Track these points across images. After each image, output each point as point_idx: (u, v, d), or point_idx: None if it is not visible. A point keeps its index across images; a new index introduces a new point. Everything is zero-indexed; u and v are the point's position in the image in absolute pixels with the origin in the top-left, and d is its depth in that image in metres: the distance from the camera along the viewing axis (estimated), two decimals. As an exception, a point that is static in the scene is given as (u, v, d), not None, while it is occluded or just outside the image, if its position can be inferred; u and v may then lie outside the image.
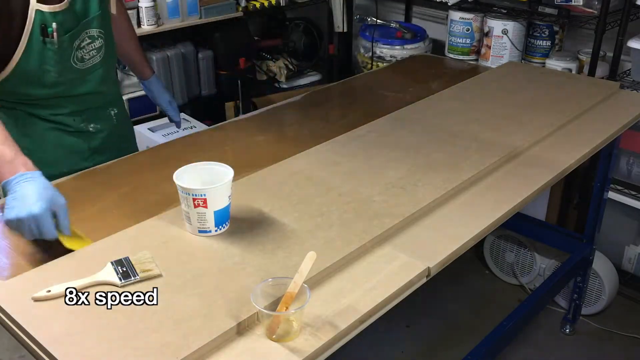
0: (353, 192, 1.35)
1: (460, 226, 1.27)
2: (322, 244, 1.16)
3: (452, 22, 2.65)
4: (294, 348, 0.95)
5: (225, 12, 2.96)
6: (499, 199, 1.37)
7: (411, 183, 1.39)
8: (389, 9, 3.19)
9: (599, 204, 2.11)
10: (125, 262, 1.10)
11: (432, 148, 1.56)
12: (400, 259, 1.16)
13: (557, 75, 2.16)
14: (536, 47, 2.49)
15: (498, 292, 2.59)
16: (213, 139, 1.73)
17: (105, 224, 1.28)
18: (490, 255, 2.66)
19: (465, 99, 1.88)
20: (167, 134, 2.54)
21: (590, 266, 2.25)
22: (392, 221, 1.24)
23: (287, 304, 0.97)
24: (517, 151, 1.57)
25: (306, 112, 1.90)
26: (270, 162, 1.49)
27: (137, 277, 1.07)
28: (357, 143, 1.59)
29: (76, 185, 1.47)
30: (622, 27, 2.14)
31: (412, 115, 1.77)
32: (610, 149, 1.96)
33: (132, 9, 2.66)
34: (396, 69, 2.39)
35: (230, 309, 1.00)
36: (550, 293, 2.19)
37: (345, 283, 1.10)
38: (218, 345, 0.95)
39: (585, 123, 1.76)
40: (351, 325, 1.00)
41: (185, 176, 1.19)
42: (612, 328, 2.37)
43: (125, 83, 2.79)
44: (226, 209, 1.19)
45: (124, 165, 1.56)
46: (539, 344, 2.31)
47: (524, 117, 1.74)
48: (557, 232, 2.33)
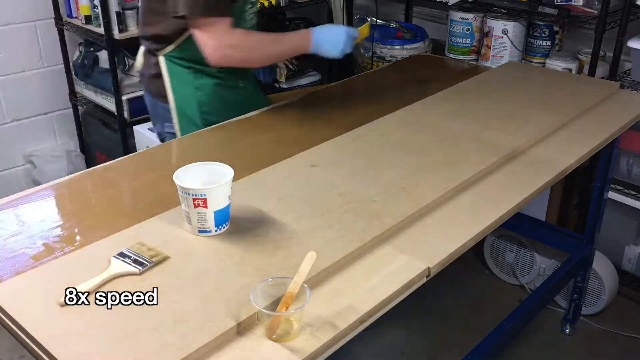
0: (353, 192, 1.35)
1: (460, 226, 1.27)
2: (322, 244, 1.16)
3: (452, 22, 2.65)
4: (294, 348, 0.94)
5: (225, 12, 2.96)
6: (499, 199, 1.37)
7: (411, 183, 1.39)
8: (389, 9, 3.19)
9: (599, 204, 2.11)
10: (129, 253, 1.11)
11: (432, 148, 1.56)
12: (400, 259, 1.16)
13: (557, 75, 2.16)
14: (536, 47, 2.49)
15: (498, 292, 2.58)
16: (213, 139, 1.73)
17: (105, 224, 1.28)
18: (490, 255, 2.66)
19: (465, 99, 1.88)
20: (167, 134, 2.54)
21: (590, 266, 2.25)
22: (392, 221, 1.24)
23: (287, 304, 0.97)
24: (517, 151, 1.57)
25: (306, 112, 1.90)
26: (270, 162, 1.49)
27: (152, 262, 1.09)
28: (357, 143, 1.59)
29: (76, 185, 1.47)
30: (622, 27, 2.14)
31: (412, 115, 1.77)
32: (610, 149, 1.96)
33: (132, 9, 2.66)
34: (396, 69, 2.38)
35: (230, 309, 1.00)
36: (550, 293, 2.19)
37: (345, 283, 1.10)
38: (218, 345, 0.95)
39: (585, 123, 1.76)
40: (351, 325, 1.00)
41: (185, 176, 1.19)
42: (612, 328, 2.37)
43: (125, 83, 2.79)
44: (226, 209, 1.19)
45: (124, 165, 1.56)
46: (539, 344, 2.31)
47: (524, 117, 1.74)
48: (557, 232, 2.33)
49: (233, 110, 1.81)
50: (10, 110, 2.98)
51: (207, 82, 1.75)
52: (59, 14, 2.92)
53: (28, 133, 3.07)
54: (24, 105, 3.01)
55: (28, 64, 2.97)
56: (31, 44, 2.95)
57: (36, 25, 2.94)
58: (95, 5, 2.66)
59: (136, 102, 2.82)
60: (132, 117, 2.81)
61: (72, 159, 3.16)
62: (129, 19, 2.67)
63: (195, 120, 1.76)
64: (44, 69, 3.03)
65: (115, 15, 2.61)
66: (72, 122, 3.19)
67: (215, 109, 1.78)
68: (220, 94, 1.78)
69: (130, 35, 2.68)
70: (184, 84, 1.73)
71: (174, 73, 1.73)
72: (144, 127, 2.61)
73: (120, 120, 2.81)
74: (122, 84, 2.78)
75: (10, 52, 2.89)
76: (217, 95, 1.77)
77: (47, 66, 3.03)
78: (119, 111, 2.79)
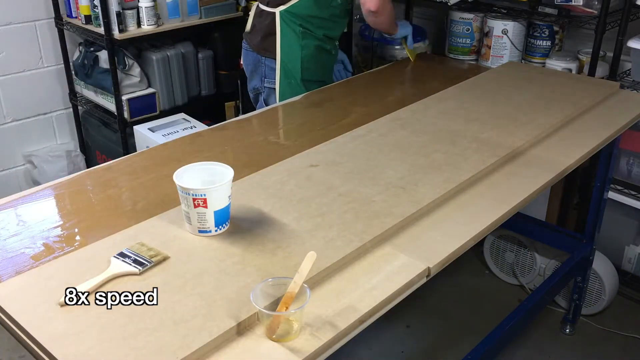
0: (353, 192, 1.35)
1: (460, 226, 1.27)
2: (322, 244, 1.16)
3: (452, 22, 2.65)
4: (294, 348, 0.95)
5: (225, 12, 2.97)
6: (499, 199, 1.37)
7: (411, 183, 1.39)
8: (389, 9, 3.18)
9: (599, 204, 2.11)
10: (129, 253, 1.11)
11: (432, 148, 1.56)
12: (400, 259, 1.16)
13: (557, 75, 2.16)
14: (536, 47, 2.49)
15: (498, 292, 2.58)
16: (213, 139, 1.73)
17: (105, 224, 1.28)
18: (490, 255, 2.66)
19: (465, 99, 1.89)
20: (167, 134, 2.54)
21: (590, 266, 2.25)
22: (392, 221, 1.24)
23: (287, 304, 0.97)
24: (517, 151, 1.57)
25: (306, 112, 1.90)
26: (270, 162, 1.49)
27: (152, 262, 1.09)
28: (357, 143, 1.59)
29: (76, 185, 1.47)
30: (622, 27, 2.14)
31: (412, 115, 1.77)
32: (610, 149, 1.96)
33: (132, 9, 2.67)
34: (396, 69, 2.38)
35: (230, 309, 1.00)
36: (550, 293, 2.19)
37: (345, 283, 1.10)
38: (218, 345, 0.95)
39: (585, 123, 1.76)
40: (351, 325, 1.00)
41: (185, 176, 1.19)
42: (612, 328, 2.37)
43: (125, 83, 2.79)
44: (226, 209, 1.19)
45: (124, 165, 1.56)
46: (539, 344, 2.31)
47: (524, 117, 1.74)
48: (557, 232, 2.33)
49: (325, 70, 2.20)
50: (10, 110, 2.98)
51: (311, 43, 2.09)
52: (59, 14, 2.92)
53: (28, 133, 3.08)
54: (24, 105, 3.01)
55: (28, 64, 2.97)
56: (31, 44, 2.95)
57: (36, 25, 2.94)
58: (95, 5, 2.66)
59: (136, 102, 2.82)
60: (132, 117, 2.81)
61: (72, 159, 3.16)
62: (129, 19, 2.67)
63: (296, 75, 2.10)
64: (44, 69, 3.03)
65: (115, 15, 2.61)
66: (72, 122, 3.20)
67: (313, 67, 2.11)
68: (319, 54, 2.13)
69: (131, 35, 2.68)
70: (292, 41, 2.07)
71: (284, 31, 2.06)
72: (144, 127, 2.60)
73: (120, 120, 2.81)
74: (122, 84, 2.78)
75: (10, 52, 2.89)
76: (316, 55, 2.12)
77: (47, 66, 3.04)
78: (118, 111, 2.79)
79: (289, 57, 2.09)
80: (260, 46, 2.15)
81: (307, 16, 2.05)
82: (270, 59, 2.12)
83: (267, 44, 2.12)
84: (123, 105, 2.78)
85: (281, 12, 2.05)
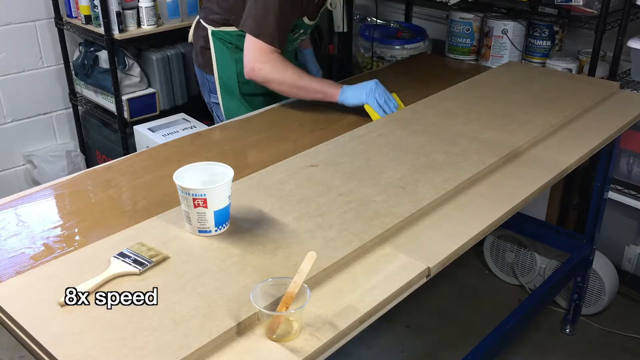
0: (353, 192, 1.35)
1: (460, 226, 1.27)
2: (322, 244, 1.16)
3: (452, 22, 2.65)
4: (294, 348, 0.94)
5: (225, 12, 2.96)
6: (499, 199, 1.37)
7: (411, 183, 1.39)
8: (389, 9, 3.19)
9: (599, 204, 2.11)
10: (129, 253, 1.11)
11: (432, 148, 1.56)
12: (400, 259, 1.16)
13: (557, 75, 2.16)
14: (536, 47, 2.49)
15: (498, 292, 2.59)
16: (213, 139, 1.73)
17: (105, 224, 1.28)
18: (490, 255, 2.66)
19: (465, 99, 1.88)
20: (167, 134, 2.54)
21: (590, 266, 2.25)
22: (392, 221, 1.24)
23: (287, 304, 0.97)
24: (517, 151, 1.57)
25: (306, 112, 1.90)
26: (270, 162, 1.49)
27: (152, 262, 1.09)
28: (357, 143, 1.59)
29: (76, 185, 1.47)
30: (622, 27, 2.14)
31: (412, 115, 1.77)
32: (610, 149, 1.96)
33: (132, 9, 2.66)
34: (396, 69, 2.38)
35: (230, 309, 1.00)
36: (550, 293, 2.19)
37: (345, 283, 1.10)
38: (218, 345, 0.95)
39: (585, 123, 1.76)
40: (351, 325, 1.00)
41: (185, 176, 1.19)
42: (612, 328, 2.37)
43: (125, 83, 2.79)
44: (226, 209, 1.19)
45: (124, 165, 1.56)
46: (539, 344, 2.31)
47: (524, 117, 1.74)
48: (557, 232, 2.33)
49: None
50: (10, 110, 2.98)
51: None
52: (59, 14, 2.92)
53: (28, 133, 3.08)
54: (24, 105, 3.01)
55: (28, 64, 2.97)
56: (31, 44, 2.95)
57: (36, 25, 2.94)
58: (95, 5, 2.65)
59: (136, 102, 2.82)
60: (132, 117, 2.81)
61: (72, 159, 3.16)
62: (129, 19, 2.67)
63: (234, 90, 1.97)
64: (44, 68, 3.03)
65: (115, 15, 2.61)
66: (72, 122, 3.20)
67: (250, 81, 1.89)
68: None
69: (130, 35, 2.68)
70: (225, 56, 1.95)
71: (218, 46, 1.95)
72: (144, 127, 2.60)
73: (120, 120, 2.81)
74: (122, 84, 2.78)
75: (10, 52, 2.89)
76: None
77: (47, 66, 3.04)
78: (118, 111, 2.79)
79: (224, 72, 1.97)
80: (201, 61, 2.04)
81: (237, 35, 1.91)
82: (210, 75, 2.01)
83: (205, 59, 2.00)
84: (123, 105, 2.78)
85: (212, 31, 1.94)
